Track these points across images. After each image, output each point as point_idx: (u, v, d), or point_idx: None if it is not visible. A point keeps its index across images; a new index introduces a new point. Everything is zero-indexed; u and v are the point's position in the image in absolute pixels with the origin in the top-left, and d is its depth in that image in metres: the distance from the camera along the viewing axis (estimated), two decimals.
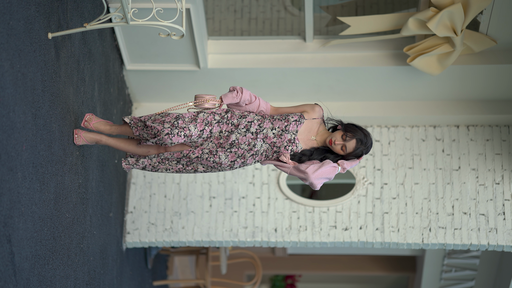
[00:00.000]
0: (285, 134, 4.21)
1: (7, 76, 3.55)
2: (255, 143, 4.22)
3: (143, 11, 4.75)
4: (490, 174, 6.24)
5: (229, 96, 4.27)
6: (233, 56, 6.18)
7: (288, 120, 4.24)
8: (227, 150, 4.23)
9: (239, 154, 4.23)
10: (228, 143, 4.22)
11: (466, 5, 5.43)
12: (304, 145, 4.27)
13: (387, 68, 6.07)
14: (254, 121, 4.25)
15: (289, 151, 4.22)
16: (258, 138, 4.22)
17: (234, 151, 4.23)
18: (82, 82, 4.94)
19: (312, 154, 4.27)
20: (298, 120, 4.24)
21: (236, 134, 4.22)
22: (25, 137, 3.77)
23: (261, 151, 4.25)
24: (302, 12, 6.10)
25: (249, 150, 4.23)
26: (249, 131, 4.23)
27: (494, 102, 6.29)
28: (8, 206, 3.55)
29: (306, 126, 4.28)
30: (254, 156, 4.25)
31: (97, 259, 5.34)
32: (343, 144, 4.20)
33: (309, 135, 4.28)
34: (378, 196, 6.30)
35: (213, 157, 4.23)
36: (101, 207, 5.47)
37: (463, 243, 6.11)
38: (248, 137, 4.22)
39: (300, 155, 4.25)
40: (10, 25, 3.63)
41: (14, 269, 3.62)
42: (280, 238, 6.26)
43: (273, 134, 4.23)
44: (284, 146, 4.21)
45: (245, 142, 4.22)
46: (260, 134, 4.22)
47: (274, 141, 4.23)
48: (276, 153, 4.25)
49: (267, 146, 4.24)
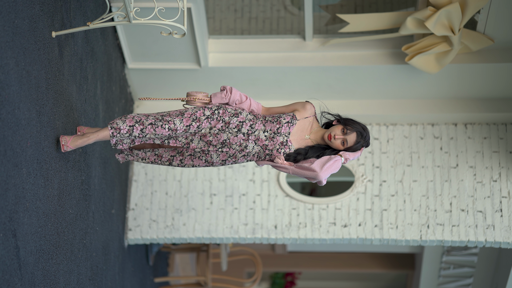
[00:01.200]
0: (277, 137, 4.14)
1: (12, 74, 3.62)
2: (246, 144, 4.16)
3: (145, 10, 4.82)
4: (488, 171, 6.30)
5: (218, 96, 4.21)
6: (234, 54, 6.24)
7: (280, 122, 4.16)
8: (218, 150, 4.17)
9: (230, 154, 4.17)
10: (219, 142, 4.16)
11: (463, 5, 5.48)
12: (297, 146, 4.20)
13: (386, 67, 6.13)
14: (246, 121, 4.17)
15: (281, 154, 4.15)
16: (249, 140, 4.15)
17: (225, 151, 4.17)
18: (85, 80, 5.01)
19: (307, 152, 4.20)
20: (290, 121, 4.16)
21: (227, 133, 4.16)
22: (29, 134, 3.84)
23: (252, 153, 4.18)
24: (302, 12, 6.16)
25: (241, 151, 4.17)
26: (240, 131, 4.16)
27: (492, 101, 6.35)
28: (13, 201, 3.62)
29: (299, 126, 4.21)
30: (245, 157, 4.19)
31: (100, 255, 5.41)
32: (344, 138, 4.14)
33: (302, 135, 4.22)
34: (377, 193, 6.36)
35: (205, 156, 4.20)
36: (103, 203, 5.54)
37: (460, 240, 6.18)
38: (239, 138, 4.15)
39: (295, 155, 4.19)
40: (15, 23, 3.70)
41: (19, 263, 3.69)
42: (280, 235, 6.33)
43: (265, 137, 4.15)
44: (277, 149, 4.14)
45: (237, 143, 4.16)
46: (251, 136, 4.15)
47: (266, 143, 4.16)
48: (268, 155, 4.17)
49: (259, 148, 4.17)
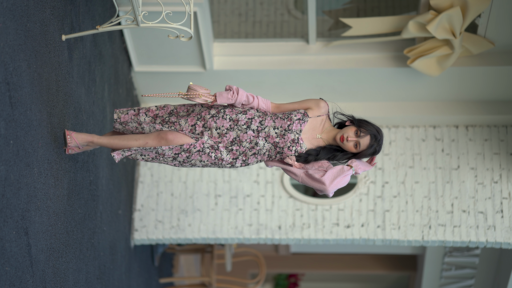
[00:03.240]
0: (288, 134, 3.93)
1: (24, 76, 3.72)
2: (257, 141, 3.95)
3: (152, 14, 4.90)
4: (489, 173, 6.37)
5: (224, 97, 3.97)
6: (238, 58, 6.31)
7: (291, 119, 3.96)
8: (228, 148, 3.97)
9: (241, 152, 3.97)
10: (229, 141, 3.96)
11: (464, 8, 5.54)
12: (309, 144, 3.98)
13: (388, 70, 6.19)
14: (255, 118, 3.98)
15: (293, 152, 3.94)
16: (260, 137, 3.95)
17: (235, 149, 3.98)
18: (93, 83, 5.11)
19: (319, 153, 3.98)
20: (301, 118, 3.96)
21: (236, 131, 3.96)
22: (40, 135, 3.94)
23: (263, 151, 3.97)
24: (305, 15, 6.22)
25: (251, 148, 3.97)
26: (250, 128, 3.96)
27: (492, 103, 6.41)
28: (25, 200, 3.71)
29: (311, 124, 3.99)
30: (256, 155, 3.99)
31: (107, 254, 5.50)
32: (357, 141, 3.93)
33: (314, 134, 4.00)
34: (379, 195, 6.44)
35: (215, 152, 3.97)
36: (110, 204, 5.64)
37: (462, 240, 6.25)
38: (249, 135, 3.95)
39: (306, 156, 3.97)
40: (27, 27, 3.80)
41: (31, 260, 3.78)
42: (284, 235, 6.41)
43: (275, 134, 3.95)
44: (288, 146, 3.94)
45: (247, 140, 3.95)
46: (262, 133, 3.95)
47: (276, 141, 3.95)
48: (279, 154, 3.98)
49: (270, 145, 3.96)
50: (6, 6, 3.52)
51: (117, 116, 4.17)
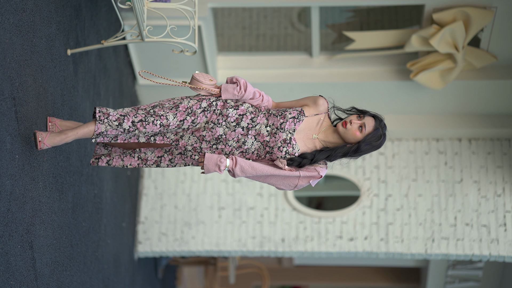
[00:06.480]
0: (279, 133, 3.62)
1: (30, 91, 3.75)
2: (245, 139, 3.66)
3: (157, 28, 4.95)
4: (492, 186, 6.38)
5: (230, 92, 3.69)
6: (242, 71, 6.34)
7: (285, 116, 3.65)
8: (212, 146, 3.67)
9: (226, 152, 3.67)
10: (213, 137, 3.66)
11: (467, 23, 5.58)
12: (302, 145, 3.67)
13: (391, 83, 6.22)
14: (247, 114, 3.68)
15: (283, 153, 3.63)
16: (249, 135, 3.65)
17: (220, 148, 3.67)
18: (98, 96, 5.14)
19: (314, 157, 3.65)
20: (296, 117, 3.65)
21: (224, 127, 3.66)
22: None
23: (252, 150, 3.67)
24: (309, 29, 6.26)
25: (238, 147, 3.67)
26: (240, 125, 3.66)
27: (495, 117, 6.43)
28: (30, 214, 3.74)
29: (306, 123, 3.69)
30: (243, 154, 3.68)
31: (111, 267, 5.51)
32: (361, 122, 3.67)
33: (309, 134, 3.70)
34: (382, 208, 6.45)
35: (197, 154, 3.70)
36: (114, 217, 5.66)
37: (465, 254, 6.26)
38: (237, 132, 3.65)
39: (300, 159, 3.64)
40: (33, 42, 3.83)
41: (35, 274, 3.80)
42: (287, 248, 6.42)
43: (266, 132, 3.65)
44: (278, 146, 3.62)
45: (234, 138, 3.66)
46: (252, 130, 3.66)
47: (267, 139, 3.64)
48: (268, 154, 3.66)
49: (259, 144, 3.66)
50: (13, 22, 3.56)
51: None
